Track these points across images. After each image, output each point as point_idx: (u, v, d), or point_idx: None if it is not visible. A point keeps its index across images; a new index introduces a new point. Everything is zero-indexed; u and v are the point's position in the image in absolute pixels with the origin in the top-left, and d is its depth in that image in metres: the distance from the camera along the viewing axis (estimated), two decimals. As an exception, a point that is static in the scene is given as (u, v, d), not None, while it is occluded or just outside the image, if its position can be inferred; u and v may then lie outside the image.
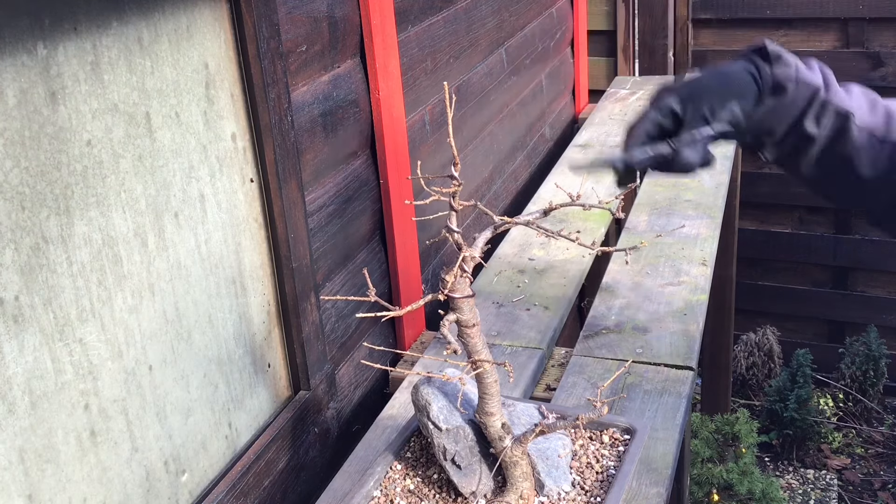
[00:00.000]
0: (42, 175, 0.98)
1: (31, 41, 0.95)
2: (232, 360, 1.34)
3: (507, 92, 2.57)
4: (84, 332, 1.05)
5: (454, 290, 0.95)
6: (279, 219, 1.39)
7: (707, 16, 3.69)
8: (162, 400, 1.19)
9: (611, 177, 1.10)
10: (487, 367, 0.98)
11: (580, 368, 1.58)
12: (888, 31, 3.45)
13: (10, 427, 0.96)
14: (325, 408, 1.54)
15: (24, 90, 0.95)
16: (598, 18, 3.59)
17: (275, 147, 1.34)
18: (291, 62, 1.41)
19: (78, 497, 1.05)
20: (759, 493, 2.94)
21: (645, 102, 1.08)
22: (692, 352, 1.60)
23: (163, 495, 1.20)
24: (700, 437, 3.08)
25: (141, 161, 1.13)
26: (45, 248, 0.99)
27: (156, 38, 1.14)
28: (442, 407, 1.05)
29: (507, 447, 1.01)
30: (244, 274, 1.36)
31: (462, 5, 2.17)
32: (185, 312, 1.23)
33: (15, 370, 0.96)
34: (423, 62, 1.95)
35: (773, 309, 3.99)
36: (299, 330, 1.45)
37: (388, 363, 1.81)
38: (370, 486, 1.08)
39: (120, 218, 1.10)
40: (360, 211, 1.68)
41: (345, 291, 1.62)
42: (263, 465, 1.36)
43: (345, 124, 1.60)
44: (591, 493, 1.05)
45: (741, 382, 3.97)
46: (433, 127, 2.01)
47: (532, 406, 1.14)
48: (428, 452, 1.13)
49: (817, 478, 3.60)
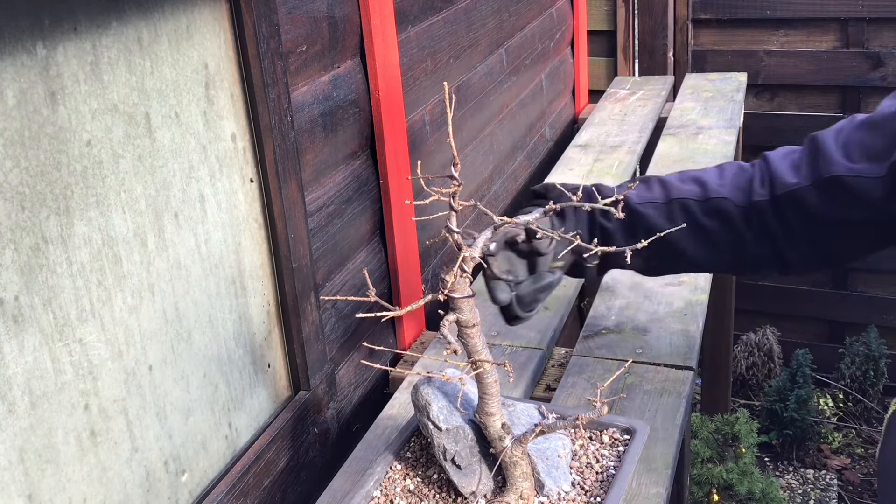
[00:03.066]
0: (42, 175, 0.98)
1: (30, 41, 0.95)
2: (232, 360, 1.34)
3: (507, 92, 2.57)
4: (84, 332, 1.05)
5: (454, 290, 0.95)
6: (279, 219, 1.39)
7: (707, 16, 3.69)
8: (162, 400, 1.19)
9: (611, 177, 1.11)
10: (487, 367, 0.98)
11: (580, 368, 1.58)
12: (888, 31, 3.45)
13: (10, 427, 0.96)
14: (325, 408, 1.54)
15: (23, 90, 0.95)
16: (598, 18, 3.59)
17: (275, 147, 1.34)
18: (291, 62, 1.41)
19: (78, 497, 1.05)
20: (759, 493, 2.94)
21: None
22: (692, 352, 1.60)
23: (163, 495, 1.20)
24: (700, 437, 3.08)
25: (141, 161, 1.13)
26: (45, 249, 0.99)
27: (155, 39, 1.14)
28: (442, 407, 1.05)
29: (507, 447, 1.01)
30: (244, 274, 1.36)
31: (462, 5, 2.17)
32: (185, 312, 1.23)
33: (15, 370, 0.96)
34: (423, 62, 1.95)
35: (773, 309, 3.99)
36: (299, 330, 1.45)
37: (388, 363, 1.81)
38: (370, 486, 1.08)
39: (120, 218, 1.10)
40: (360, 211, 1.68)
41: (345, 291, 1.62)
42: (263, 466, 1.36)
43: (345, 124, 1.60)
44: (591, 493, 1.05)
45: (741, 382, 3.96)
46: (433, 127, 2.01)
47: (532, 406, 1.14)
48: (428, 452, 1.13)
49: (817, 478, 3.60)
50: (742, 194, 1.20)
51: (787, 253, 1.22)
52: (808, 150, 1.20)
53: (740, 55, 3.69)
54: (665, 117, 3.00)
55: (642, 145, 2.77)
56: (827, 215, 1.16)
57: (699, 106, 3.03)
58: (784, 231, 1.20)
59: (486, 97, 2.40)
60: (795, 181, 1.17)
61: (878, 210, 1.13)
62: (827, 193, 1.15)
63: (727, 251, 1.23)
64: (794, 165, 1.19)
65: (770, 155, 1.23)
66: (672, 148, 2.66)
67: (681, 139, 2.72)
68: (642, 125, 2.92)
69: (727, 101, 3.06)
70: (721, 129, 2.79)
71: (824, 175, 1.15)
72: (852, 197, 1.14)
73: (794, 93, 3.68)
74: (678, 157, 2.58)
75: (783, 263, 1.24)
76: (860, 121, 1.18)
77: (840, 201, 1.15)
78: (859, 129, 1.17)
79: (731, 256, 1.24)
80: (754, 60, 3.67)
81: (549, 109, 3.02)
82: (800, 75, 3.62)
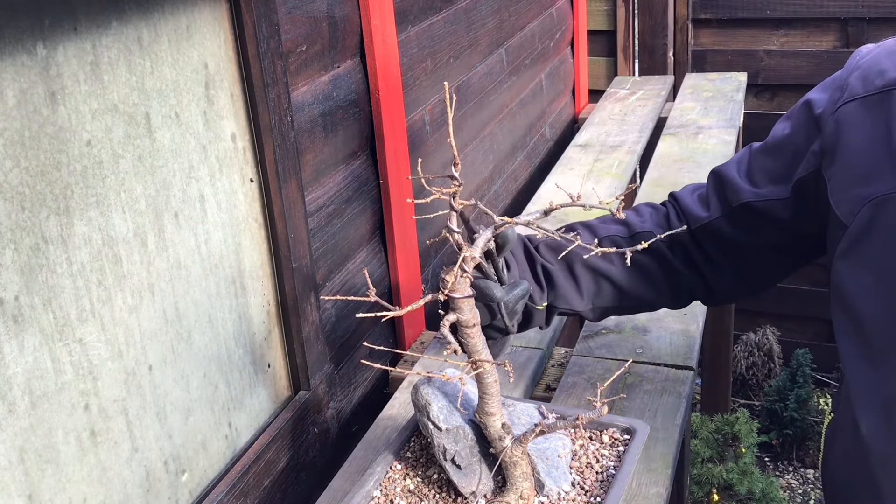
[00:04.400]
0: (42, 175, 0.98)
1: (31, 41, 0.95)
2: (232, 360, 1.34)
3: (507, 92, 2.57)
4: (84, 332, 1.05)
5: (454, 290, 0.95)
6: (279, 219, 1.39)
7: (707, 16, 3.69)
8: (162, 400, 1.19)
9: (611, 177, 1.12)
10: (487, 367, 0.98)
11: (580, 368, 1.58)
12: (888, 31, 3.45)
13: (10, 427, 0.96)
14: (325, 408, 1.54)
15: (23, 90, 0.95)
16: (598, 18, 3.59)
17: (275, 147, 1.34)
18: (291, 62, 1.41)
19: (78, 497, 1.05)
20: (759, 493, 2.94)
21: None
22: (692, 352, 1.60)
23: (163, 495, 1.20)
24: (700, 437, 3.08)
25: (141, 161, 1.13)
26: (45, 249, 0.99)
27: (155, 39, 1.14)
28: (442, 407, 1.05)
29: (507, 447, 1.01)
30: (244, 274, 1.36)
31: (462, 5, 2.17)
32: (185, 312, 1.23)
33: (15, 370, 0.96)
34: (423, 62, 1.95)
35: (773, 309, 3.99)
36: (299, 330, 1.45)
37: (388, 363, 1.81)
38: (370, 486, 1.08)
39: (120, 218, 1.10)
40: (360, 211, 1.68)
41: (345, 291, 1.62)
42: (263, 465, 1.36)
43: (345, 124, 1.60)
44: (591, 493, 1.05)
45: (741, 382, 3.96)
46: (433, 127, 2.01)
47: (532, 406, 1.14)
48: (428, 452, 1.13)
49: (817, 478, 3.60)
50: (662, 230, 1.27)
51: (712, 283, 1.28)
52: (714, 185, 1.26)
53: (740, 55, 3.69)
54: (665, 117, 3.00)
55: (642, 145, 2.77)
56: (743, 242, 1.22)
57: (699, 106, 3.03)
58: (706, 262, 1.26)
59: (486, 97, 2.40)
60: (706, 215, 1.24)
61: (788, 231, 1.18)
62: (739, 221, 1.21)
63: (663, 282, 1.28)
64: (703, 201, 1.26)
65: (678, 194, 1.31)
66: (672, 148, 2.66)
67: (681, 139, 2.72)
68: (642, 125, 2.92)
69: (727, 101, 3.06)
70: (721, 128, 2.79)
71: (734, 204, 1.21)
72: (763, 220, 1.19)
73: (794, 93, 3.67)
74: (678, 156, 2.58)
75: (711, 291, 1.30)
76: (757, 148, 1.24)
77: (752, 227, 1.20)
78: (759, 155, 1.22)
79: (667, 287, 1.29)
80: (754, 60, 3.67)
81: (549, 109, 3.02)
82: (800, 75, 3.62)
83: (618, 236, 1.26)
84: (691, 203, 1.27)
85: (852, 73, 1.08)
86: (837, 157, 1.06)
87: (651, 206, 1.33)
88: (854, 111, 1.05)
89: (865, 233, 1.01)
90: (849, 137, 1.05)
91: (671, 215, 1.29)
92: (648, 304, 1.32)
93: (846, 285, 1.05)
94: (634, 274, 1.27)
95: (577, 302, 1.27)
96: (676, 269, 1.26)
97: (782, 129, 1.19)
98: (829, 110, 1.08)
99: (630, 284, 1.27)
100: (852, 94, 1.06)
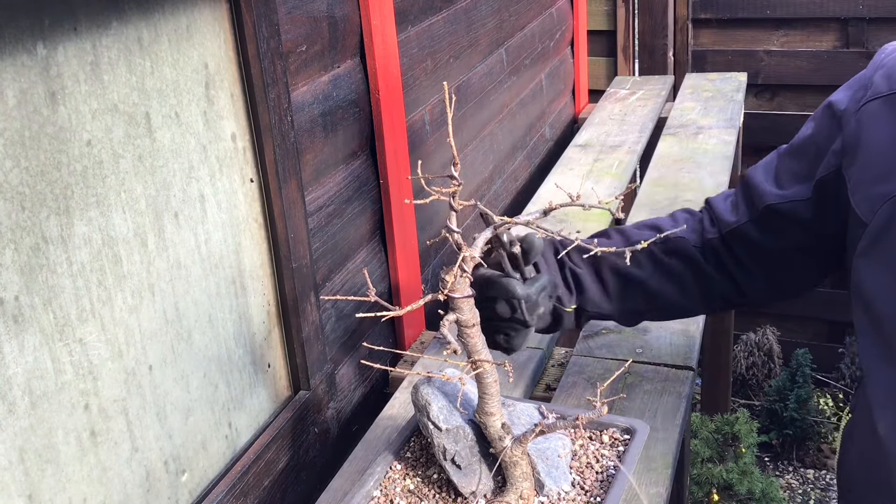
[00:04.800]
0: (42, 175, 0.98)
1: (31, 41, 0.95)
2: (232, 360, 1.34)
3: (507, 92, 2.57)
4: (84, 332, 1.05)
5: (454, 290, 0.95)
6: (279, 219, 1.39)
7: (707, 16, 3.69)
8: (162, 400, 1.19)
9: (611, 177, 1.13)
10: (487, 367, 0.98)
11: (580, 368, 1.58)
12: (888, 31, 3.45)
13: (10, 427, 0.96)
14: (325, 408, 1.54)
15: (24, 90, 0.95)
16: (598, 18, 3.59)
17: (275, 147, 1.34)
18: (291, 62, 1.41)
19: (78, 497, 1.05)
20: (759, 493, 2.94)
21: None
22: (692, 352, 1.60)
23: (163, 495, 1.20)
24: (700, 437, 3.08)
25: (141, 161, 1.13)
26: (45, 248, 0.99)
27: (155, 39, 1.14)
28: (442, 407, 1.05)
29: (507, 447, 1.01)
30: (244, 274, 1.36)
31: (462, 5, 2.17)
32: (185, 312, 1.23)
33: (15, 370, 0.96)
34: (423, 62, 1.95)
35: (773, 309, 3.98)
36: (299, 330, 1.45)
37: (388, 363, 1.81)
38: (370, 486, 1.08)
39: (120, 218, 1.10)
40: (360, 211, 1.68)
41: (345, 291, 1.62)
42: (263, 465, 1.36)
43: (345, 124, 1.60)
44: (591, 492, 1.05)
45: (741, 382, 3.96)
46: (433, 127, 2.01)
47: (532, 406, 1.14)
48: (428, 452, 1.13)
49: (817, 478, 3.60)
50: (695, 235, 1.28)
51: (744, 287, 1.28)
52: (742, 190, 1.27)
53: (740, 55, 3.69)
54: (665, 117, 3.00)
55: (642, 145, 2.77)
56: (770, 246, 1.23)
57: (699, 106, 3.03)
58: (737, 266, 1.27)
59: (486, 97, 2.40)
60: (735, 220, 1.25)
61: (811, 231, 1.18)
62: (765, 224, 1.22)
63: (694, 287, 1.29)
64: (733, 206, 1.27)
65: (712, 199, 1.32)
66: (672, 148, 2.66)
67: (681, 139, 2.72)
68: (642, 125, 2.92)
69: (727, 101, 3.06)
70: (721, 128, 2.79)
71: (759, 207, 1.22)
72: (787, 222, 1.19)
73: (794, 93, 3.67)
74: (678, 156, 2.58)
75: (743, 296, 1.30)
76: (784, 149, 1.24)
77: (777, 230, 1.21)
78: (784, 158, 1.23)
79: (699, 292, 1.30)
80: (754, 60, 3.67)
81: (549, 109, 3.02)
82: (800, 75, 3.62)
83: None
84: (723, 208, 1.28)
85: (877, 71, 1.07)
86: (858, 156, 1.06)
87: (688, 211, 1.35)
88: (878, 109, 1.04)
89: (885, 231, 1.00)
90: (871, 135, 1.04)
91: (705, 220, 1.30)
92: (679, 308, 1.33)
93: (866, 284, 1.05)
94: (664, 278, 1.28)
95: (605, 305, 1.28)
96: (708, 273, 1.27)
97: (805, 130, 1.19)
98: (853, 108, 1.08)
99: (660, 288, 1.28)
100: (876, 91, 1.05)
